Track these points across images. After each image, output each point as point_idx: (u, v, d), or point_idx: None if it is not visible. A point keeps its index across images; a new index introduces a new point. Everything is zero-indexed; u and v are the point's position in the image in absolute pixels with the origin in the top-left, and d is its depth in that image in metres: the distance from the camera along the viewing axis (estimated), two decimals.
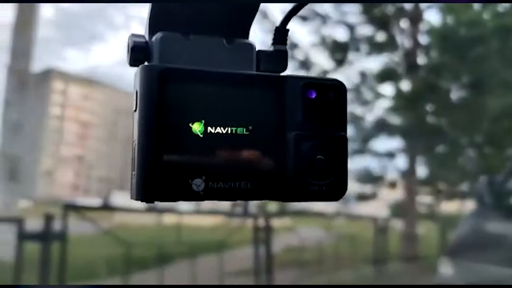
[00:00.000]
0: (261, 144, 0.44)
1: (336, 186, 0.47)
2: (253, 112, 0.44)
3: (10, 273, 3.78)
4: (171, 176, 0.42)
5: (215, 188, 0.43)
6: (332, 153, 0.46)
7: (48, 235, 3.76)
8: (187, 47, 0.47)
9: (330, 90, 0.47)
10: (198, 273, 5.16)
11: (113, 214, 13.01)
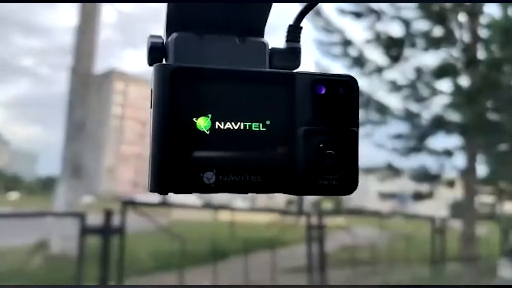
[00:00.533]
0: (271, 139, 0.46)
1: (347, 180, 0.47)
2: (263, 109, 0.46)
3: (73, 265, 3.99)
4: (183, 169, 0.44)
5: (226, 181, 0.44)
6: (342, 148, 0.47)
7: (108, 230, 3.93)
8: (201, 46, 0.49)
9: (340, 85, 0.48)
10: (251, 269, 5.23)
11: (170, 210, 13.35)
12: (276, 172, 0.46)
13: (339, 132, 0.47)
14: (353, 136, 0.47)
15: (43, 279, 5.54)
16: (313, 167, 0.46)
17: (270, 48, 0.51)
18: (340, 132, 0.47)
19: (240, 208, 18.54)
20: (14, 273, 5.94)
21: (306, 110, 0.47)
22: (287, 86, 0.46)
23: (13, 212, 13.36)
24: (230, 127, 0.45)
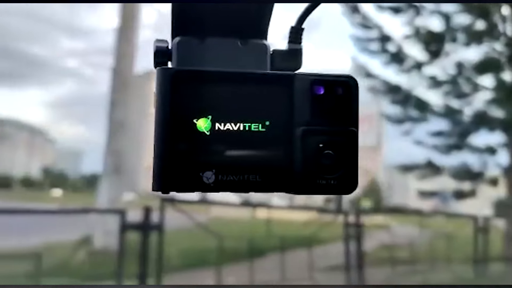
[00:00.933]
0: (270, 139, 0.47)
1: (346, 180, 0.48)
2: (263, 109, 0.47)
3: (115, 261, 4.10)
4: (183, 169, 0.46)
5: (225, 181, 0.46)
6: (341, 148, 0.48)
7: (147, 226, 4.02)
8: (203, 49, 0.50)
9: (338, 85, 0.48)
10: (287, 267, 5.23)
11: (208, 207, 13.50)
12: (274, 171, 0.47)
13: (337, 132, 0.48)
14: (352, 136, 0.48)
15: (86, 274, 5.71)
16: (311, 167, 0.47)
17: (272, 49, 0.52)
18: (339, 132, 0.48)
19: (278, 206, 18.58)
20: (59, 268, 6.16)
21: (305, 110, 0.47)
22: (286, 87, 0.47)
23: (58, 208, 13.83)
24: (230, 127, 0.46)
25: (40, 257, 4.10)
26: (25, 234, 8.50)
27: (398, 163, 9.50)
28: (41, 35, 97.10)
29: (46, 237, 8.30)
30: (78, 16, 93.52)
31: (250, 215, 10.71)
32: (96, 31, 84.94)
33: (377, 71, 8.34)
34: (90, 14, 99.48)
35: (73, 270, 6.00)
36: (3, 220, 9.86)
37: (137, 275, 3.94)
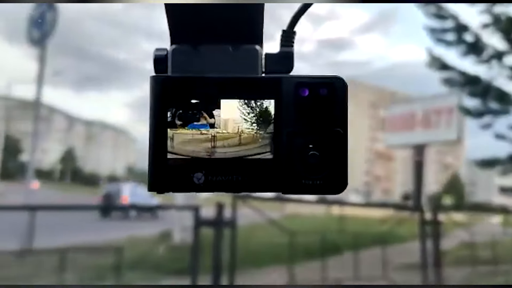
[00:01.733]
0: (259, 140, 0.49)
1: (332, 180, 0.49)
2: (251, 112, 0.49)
3: (189, 255, 4.25)
4: (175, 170, 0.49)
5: (214, 181, 0.49)
6: (326, 149, 0.49)
7: (220, 222, 4.12)
8: (197, 56, 0.52)
9: (322, 87, 0.49)
10: (362, 265, 5.16)
11: (283, 204, 13.58)
12: (262, 172, 0.49)
13: (322, 133, 0.49)
14: (337, 136, 0.49)
15: (164, 267, 5.95)
16: (296, 167, 0.49)
17: (264, 53, 0.53)
18: (323, 133, 0.49)
19: (354, 202, 18.27)
20: (141, 261, 6.48)
21: (291, 112, 0.49)
22: (273, 90, 0.49)
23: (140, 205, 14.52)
24: (219, 131, 0.49)
25: (121, 251, 4.33)
26: (111, 229, 9.04)
27: (479, 158, 9.01)
28: (123, 40, 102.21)
29: (130, 231, 8.78)
30: (156, 20, 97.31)
31: (325, 212, 10.66)
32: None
33: (453, 62, 7.97)
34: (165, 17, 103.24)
35: (153, 263, 6.29)
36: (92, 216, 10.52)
37: (211, 269, 4.06)
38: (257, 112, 0.49)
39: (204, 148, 0.49)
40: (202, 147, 0.49)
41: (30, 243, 5.55)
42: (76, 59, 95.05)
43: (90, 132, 70.71)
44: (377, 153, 63.33)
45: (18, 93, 71.26)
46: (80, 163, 60.68)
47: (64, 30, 8.06)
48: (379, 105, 57.52)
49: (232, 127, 0.49)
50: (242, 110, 0.49)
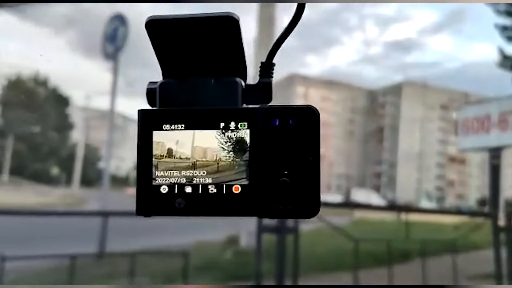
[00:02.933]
0: (236, 169, 0.52)
1: (303, 205, 0.51)
2: (228, 142, 0.52)
3: (254, 260, 4.32)
4: (159, 196, 0.53)
5: (194, 206, 0.53)
6: (296, 175, 0.51)
7: (282, 228, 4.17)
8: (182, 89, 0.56)
9: (292, 117, 0.52)
10: (430, 273, 5.00)
11: (352, 210, 13.34)
12: (238, 197, 0.52)
13: (292, 161, 0.51)
14: (307, 164, 0.51)
15: (231, 271, 6.06)
16: (269, 193, 0.51)
17: (243, 84, 0.56)
18: (293, 160, 0.51)
19: (426, 208, 17.63)
20: (208, 265, 6.64)
21: (263, 141, 0.52)
22: (248, 120, 0.52)
23: None
24: (198, 159, 0.53)
25: (187, 255, 4.46)
26: (180, 234, 9.31)
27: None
28: None
29: (198, 236, 8.99)
30: None
31: (395, 218, 10.40)
32: None
33: None
34: None
35: (220, 268, 6.42)
36: (160, 221, 10.88)
37: (275, 275, 4.11)
38: (233, 141, 0.52)
39: (185, 175, 0.53)
40: (183, 174, 0.53)
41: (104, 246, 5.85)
42: (148, 70, 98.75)
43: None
44: (450, 157, 60.60)
45: (95, 104, 75.12)
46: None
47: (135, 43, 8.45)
48: (450, 107, 55.13)
49: (210, 155, 0.52)
50: (219, 139, 0.52)
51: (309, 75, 78.70)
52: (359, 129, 69.03)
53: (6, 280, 3.90)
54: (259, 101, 0.56)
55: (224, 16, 0.51)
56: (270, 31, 9.62)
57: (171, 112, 0.54)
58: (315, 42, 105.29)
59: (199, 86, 0.56)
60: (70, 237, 6.73)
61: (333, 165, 67.38)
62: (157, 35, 0.53)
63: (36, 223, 8.66)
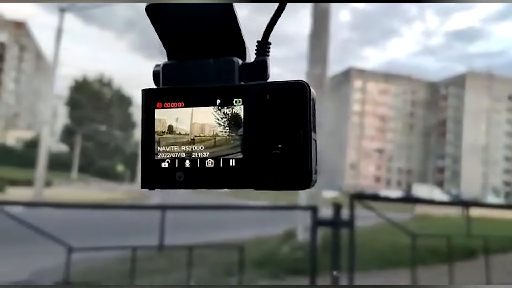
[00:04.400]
0: (232, 143, 0.55)
1: (294, 177, 0.52)
2: (225, 118, 0.55)
3: (309, 254, 4.31)
4: (161, 170, 0.57)
5: (193, 179, 0.56)
6: (286, 148, 0.53)
7: (337, 222, 4.13)
8: (183, 70, 0.59)
9: (282, 92, 0.54)
10: (494, 271, 4.80)
11: (413, 205, 12.99)
12: (233, 170, 0.55)
13: (282, 134, 0.53)
14: (297, 137, 0.52)
15: (287, 265, 6.09)
16: (261, 166, 0.53)
17: (240, 63, 0.58)
18: (284, 134, 0.53)
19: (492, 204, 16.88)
20: (265, 260, 6.71)
21: (255, 116, 0.54)
22: (243, 97, 0.55)
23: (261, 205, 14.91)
24: (197, 134, 0.56)
25: (243, 249, 4.52)
26: (239, 228, 9.45)
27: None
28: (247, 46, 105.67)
29: (257, 231, 9.10)
30: (278, 26, 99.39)
31: (459, 213, 10.05)
32: (295, 38, 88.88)
33: None
34: (287, 21, 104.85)
35: (276, 262, 6.46)
36: (218, 215, 11.10)
37: (331, 270, 4.07)
38: (229, 117, 0.55)
39: (185, 150, 0.56)
40: (182, 149, 0.56)
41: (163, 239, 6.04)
42: None
43: None
44: None
45: None
46: None
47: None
48: None
49: (208, 131, 0.56)
50: (216, 115, 0.56)
51: (366, 68, 77.06)
52: (420, 122, 66.96)
53: (74, 270, 4.12)
54: (255, 78, 0.57)
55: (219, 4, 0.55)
56: (324, 25, 9.54)
57: (171, 90, 0.58)
58: (373, 35, 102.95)
59: (199, 66, 0.59)
60: (133, 230, 7.01)
61: (392, 160, 65.77)
62: (157, 20, 0.57)
63: (101, 217, 9.08)
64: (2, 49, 57.30)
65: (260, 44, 0.60)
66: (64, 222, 6.32)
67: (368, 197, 4.82)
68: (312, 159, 0.53)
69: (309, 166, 0.53)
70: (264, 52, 0.59)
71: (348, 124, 63.32)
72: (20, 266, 5.73)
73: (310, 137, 0.53)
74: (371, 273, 5.40)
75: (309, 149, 0.53)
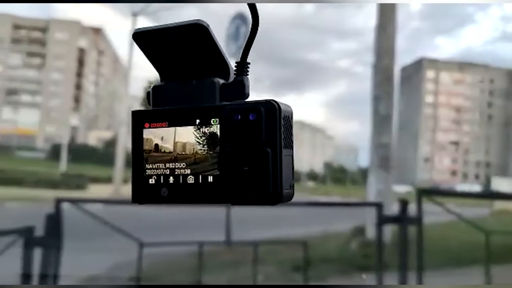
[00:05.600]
0: (210, 161, 0.57)
1: (264, 193, 0.54)
2: (204, 137, 0.58)
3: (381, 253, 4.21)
4: (148, 186, 0.60)
5: (175, 195, 0.59)
6: (255, 166, 0.55)
7: (404, 219, 4.01)
8: (169, 91, 0.63)
9: (251, 112, 0.56)
10: None
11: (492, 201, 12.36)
12: (211, 186, 0.57)
13: (252, 153, 0.55)
14: (265, 155, 0.54)
15: (355, 262, 6.01)
16: (235, 182, 0.56)
17: (221, 84, 0.60)
18: (253, 152, 0.55)
19: None
20: (332, 256, 6.67)
21: (229, 134, 0.56)
22: (219, 117, 0.57)
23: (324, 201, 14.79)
24: (179, 152, 0.59)
25: (306, 245, 4.53)
26: (308, 224, 9.44)
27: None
28: (315, 42, 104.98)
29: (325, 227, 9.05)
30: (346, 19, 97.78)
31: None
32: (363, 31, 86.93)
33: None
34: (355, 15, 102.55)
35: (344, 259, 6.40)
36: (289, 211, 11.13)
37: (398, 268, 3.97)
38: (207, 136, 0.58)
39: (169, 167, 0.60)
40: (167, 166, 0.60)
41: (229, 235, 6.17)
42: (273, 65, 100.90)
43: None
44: None
45: None
46: None
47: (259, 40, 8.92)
48: None
49: (189, 149, 0.59)
50: (196, 134, 0.59)
51: (439, 58, 73.88)
52: (499, 112, 63.33)
53: (145, 263, 4.31)
54: (234, 98, 0.60)
55: (193, 24, 0.57)
56: (391, 16, 9.28)
57: (156, 112, 0.62)
58: (445, 23, 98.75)
59: (183, 87, 0.62)
60: (200, 226, 7.21)
61: (469, 153, 62.70)
62: (144, 45, 0.61)
63: (170, 213, 9.40)
64: (82, 54, 60.69)
65: (238, 64, 0.62)
66: (137, 218, 6.61)
67: (439, 192, 4.63)
68: (282, 176, 0.55)
69: (278, 183, 0.55)
70: (242, 72, 0.61)
71: (420, 117, 61.15)
72: (98, 260, 6.07)
73: (280, 155, 0.55)
74: (441, 271, 5.20)
75: (278, 166, 0.55)
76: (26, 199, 16.40)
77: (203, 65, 0.61)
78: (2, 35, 57.91)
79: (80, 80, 60.63)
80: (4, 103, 58.42)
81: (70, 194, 16.29)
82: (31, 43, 59.48)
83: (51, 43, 59.15)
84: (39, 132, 57.55)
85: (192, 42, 0.59)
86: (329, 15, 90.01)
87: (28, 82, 58.99)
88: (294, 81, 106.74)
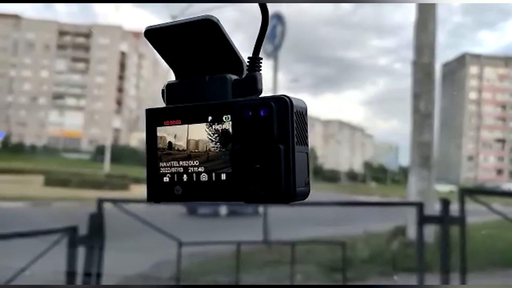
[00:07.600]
0: (222, 158, 0.56)
1: (275, 191, 0.53)
2: (216, 134, 0.57)
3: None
4: (162, 184, 0.60)
5: (189, 192, 0.58)
6: (267, 163, 0.53)
7: (445, 219, 3.92)
8: (183, 89, 0.62)
9: (262, 108, 0.55)
10: None
11: None
12: (224, 183, 0.56)
13: (263, 149, 0.54)
14: (277, 152, 0.53)
15: (396, 262, 5.91)
16: (246, 180, 0.55)
17: (233, 79, 0.59)
18: (264, 149, 0.54)
19: None
20: (373, 256, 6.58)
21: (241, 131, 0.55)
22: (231, 113, 0.56)
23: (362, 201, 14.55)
24: (192, 150, 0.59)
25: (345, 245, 4.48)
26: (349, 224, 9.35)
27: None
28: (353, 39, 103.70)
29: (367, 227, 8.94)
30: (384, 16, 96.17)
31: None
32: (403, 28, 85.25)
33: None
34: (394, 11, 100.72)
35: (385, 259, 6.30)
36: (328, 211, 11.07)
37: (440, 269, 3.89)
38: (219, 133, 0.57)
39: (182, 165, 0.60)
40: (180, 164, 0.60)
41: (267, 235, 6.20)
42: (311, 64, 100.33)
43: (328, 131, 73.71)
44: None
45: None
46: (320, 161, 63.85)
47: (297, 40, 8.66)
48: None
49: (202, 146, 0.58)
50: (208, 131, 0.58)
51: (483, 53, 71.59)
52: None
53: (184, 262, 4.38)
54: (246, 94, 0.59)
55: (202, 19, 0.57)
56: (431, 12, 9.07)
57: (169, 109, 0.62)
58: (488, 17, 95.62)
59: (196, 84, 0.62)
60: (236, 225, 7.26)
61: None
62: (156, 42, 0.61)
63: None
64: (124, 58, 62.14)
65: (251, 59, 0.61)
66: (175, 217, 6.72)
67: (481, 191, 4.49)
68: (296, 173, 0.54)
69: (291, 180, 0.54)
70: (255, 67, 0.60)
71: (464, 114, 59.42)
72: (140, 259, 6.22)
73: (292, 152, 0.54)
74: (485, 273, 5.05)
75: (291, 163, 0.54)
76: (72, 199, 16.93)
77: (215, 61, 0.61)
78: (49, 42, 59.98)
79: (121, 83, 62.08)
80: (51, 107, 60.46)
81: (114, 195, 16.70)
82: (75, 49, 61.34)
83: (95, 48, 60.83)
84: (84, 135, 59.29)
85: (203, 37, 0.59)
86: (367, 12, 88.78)
87: (73, 86, 60.86)
88: (333, 80, 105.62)
